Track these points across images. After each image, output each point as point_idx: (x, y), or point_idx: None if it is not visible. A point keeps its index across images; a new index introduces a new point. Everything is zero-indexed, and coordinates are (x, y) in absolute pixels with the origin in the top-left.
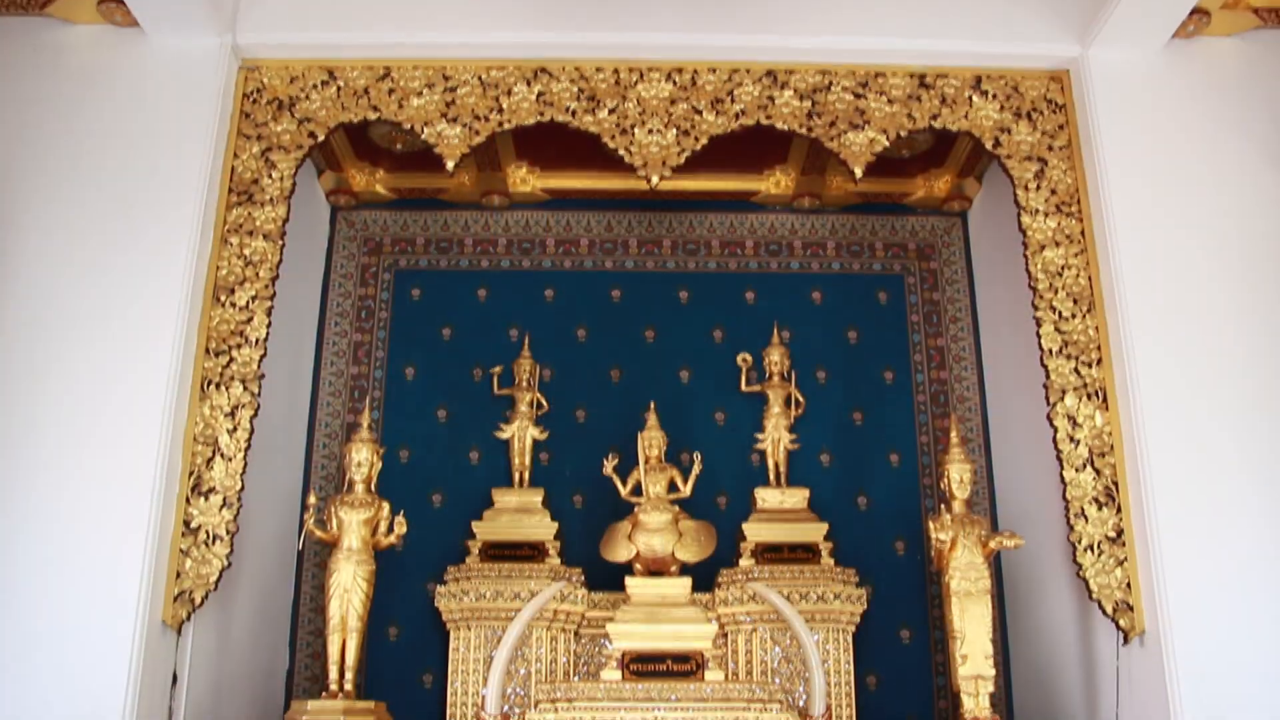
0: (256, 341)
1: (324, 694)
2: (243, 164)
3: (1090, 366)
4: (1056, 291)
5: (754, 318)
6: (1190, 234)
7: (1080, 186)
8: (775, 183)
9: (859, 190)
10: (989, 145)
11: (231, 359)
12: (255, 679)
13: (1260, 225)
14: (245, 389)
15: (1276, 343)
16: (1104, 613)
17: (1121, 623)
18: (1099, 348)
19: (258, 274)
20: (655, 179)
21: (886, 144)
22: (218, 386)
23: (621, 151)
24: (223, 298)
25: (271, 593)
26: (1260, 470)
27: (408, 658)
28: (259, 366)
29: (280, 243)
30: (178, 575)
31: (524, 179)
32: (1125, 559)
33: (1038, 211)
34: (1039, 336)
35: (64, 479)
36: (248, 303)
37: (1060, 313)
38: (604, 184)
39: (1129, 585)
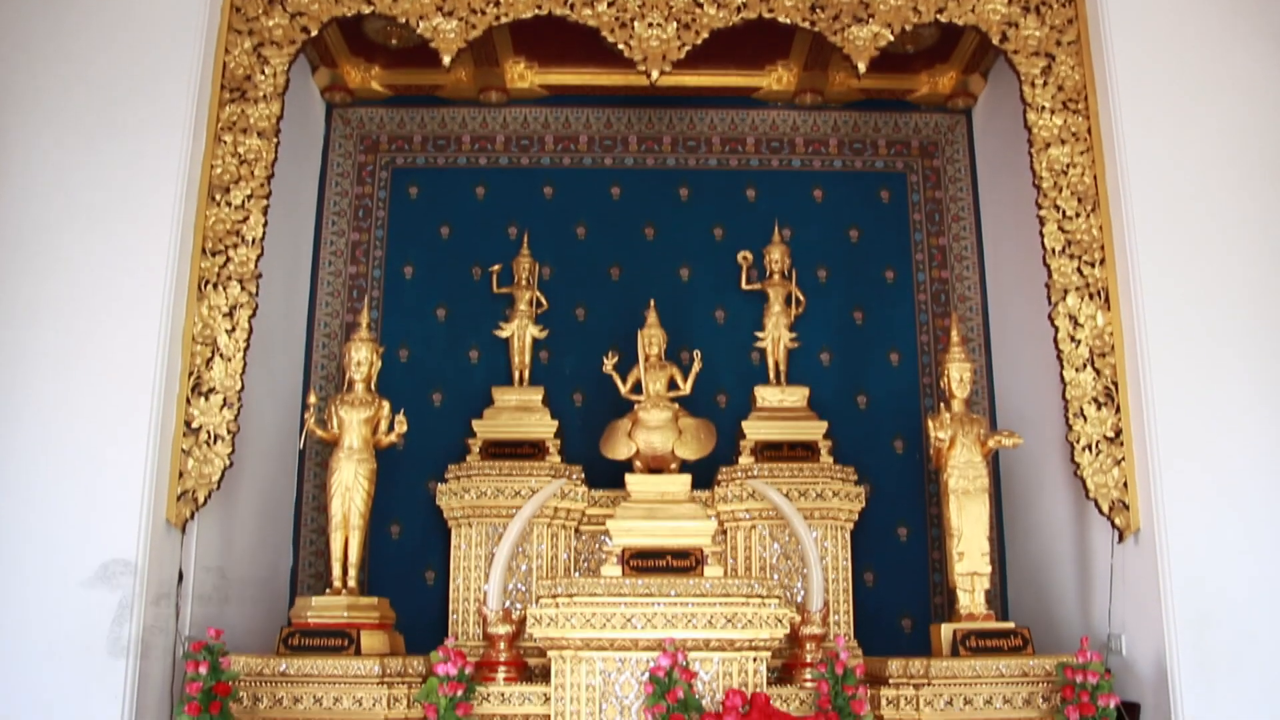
0: (253, 241)
1: (327, 590)
2: (234, 60)
3: (1093, 266)
4: (1061, 190)
5: (754, 215)
6: (1199, 133)
7: (1088, 83)
8: (777, 79)
9: (862, 87)
10: (996, 40)
11: (228, 259)
12: (259, 576)
13: (1272, 127)
14: (243, 289)
15: None
16: (1100, 511)
17: (1117, 521)
18: (1102, 247)
19: (253, 172)
20: (655, 74)
21: (891, 39)
22: (215, 287)
23: (621, 46)
24: (218, 197)
25: (274, 492)
26: (1260, 372)
27: (410, 555)
28: (256, 266)
29: (275, 140)
30: (180, 475)
31: (522, 75)
32: (1123, 459)
33: (1044, 108)
34: (1042, 236)
35: (63, 381)
36: (243, 202)
37: (1064, 212)
38: (603, 80)
39: (1125, 485)
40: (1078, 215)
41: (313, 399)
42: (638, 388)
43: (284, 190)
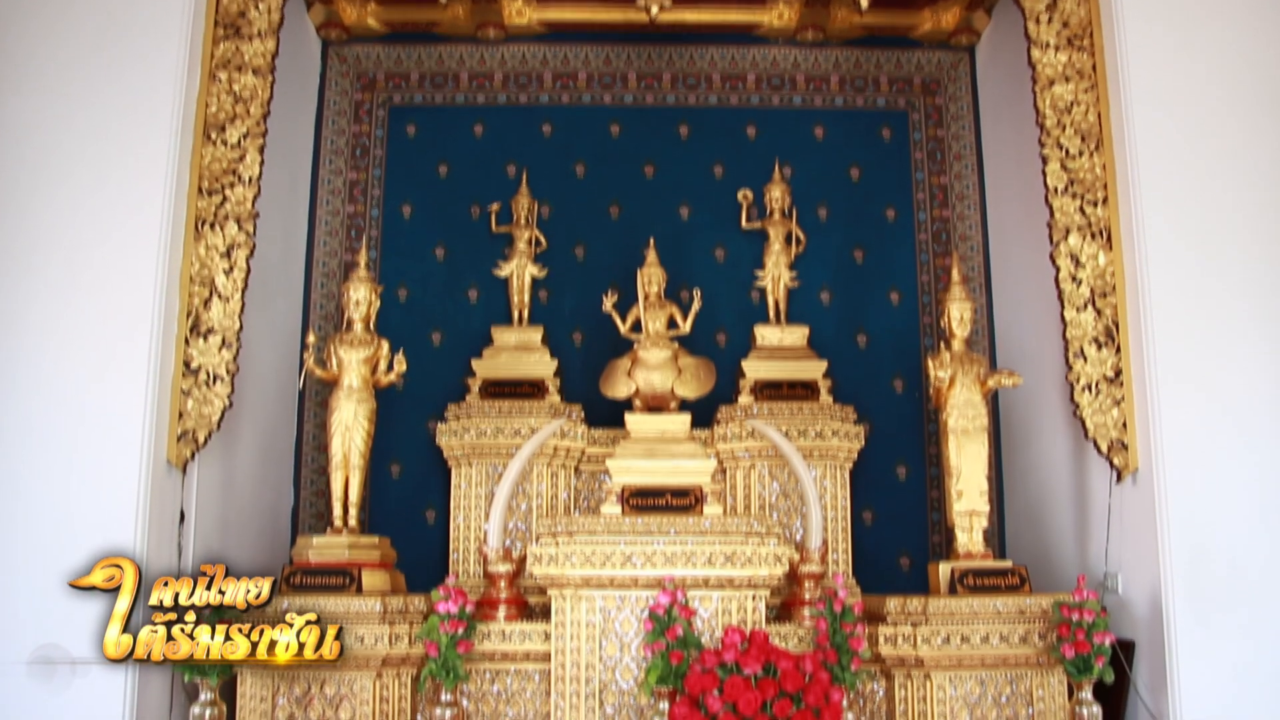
0: (250, 180)
1: (329, 530)
2: None
3: (1095, 205)
4: (1064, 128)
5: (755, 153)
6: (1205, 71)
7: (1093, 19)
8: (778, 15)
9: (864, 23)
10: None
11: (225, 198)
12: (261, 516)
13: (1278, 66)
14: (240, 228)
15: None
16: (1099, 451)
17: (1115, 461)
18: (1105, 186)
19: (248, 110)
20: (655, 10)
21: None
22: (212, 226)
23: None
24: (213, 135)
25: (274, 431)
26: (1260, 313)
27: (410, 494)
28: (253, 205)
29: (270, 78)
30: (180, 415)
31: (520, 10)
32: (1122, 399)
33: (1048, 45)
34: (1044, 174)
35: (62, 322)
36: (239, 140)
37: (1067, 150)
38: (602, 16)
39: (1124, 425)
40: (1081, 154)
41: (312, 339)
42: (637, 326)
43: (280, 129)
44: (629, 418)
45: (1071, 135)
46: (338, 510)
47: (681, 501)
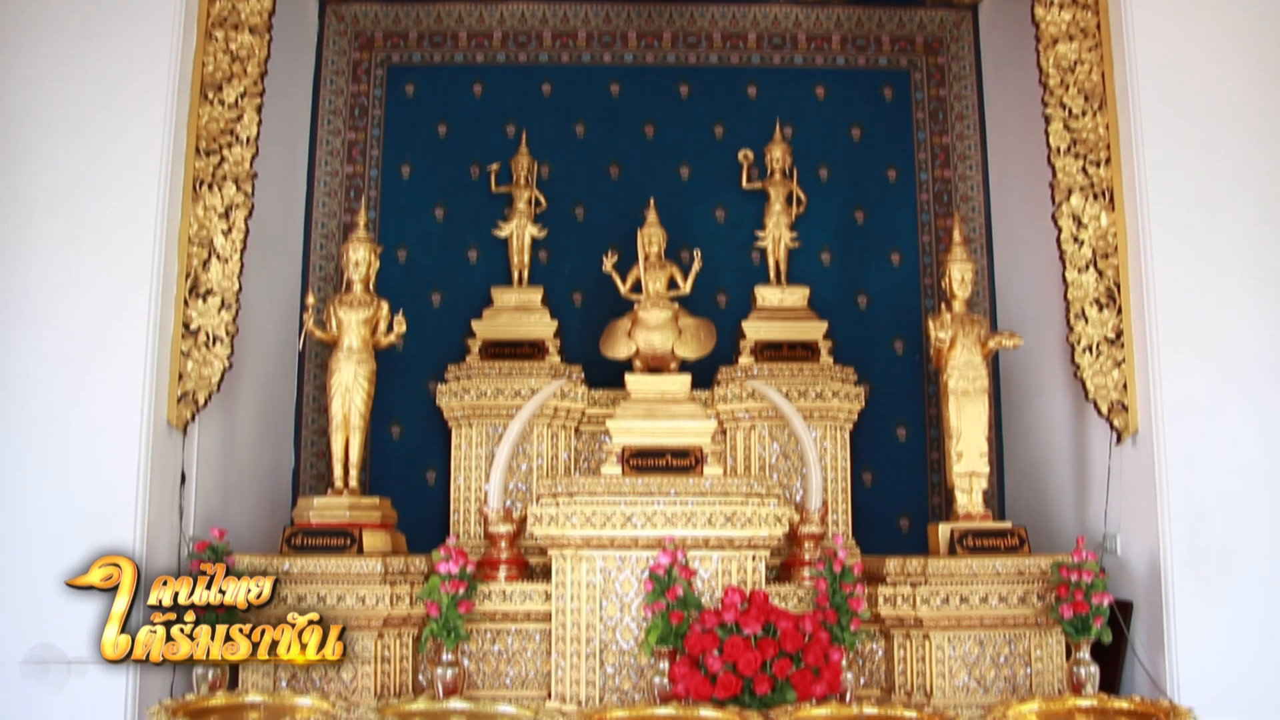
0: (248, 140)
1: (329, 491)
2: None
3: (1098, 166)
4: (1067, 88)
5: (755, 113)
6: (1209, 31)
7: None
8: None
9: None
10: None
11: (223, 158)
12: (262, 477)
13: None
14: (238, 189)
15: None
16: (1099, 413)
17: (1116, 423)
18: (1108, 146)
19: (245, 70)
20: None
21: None
22: (210, 187)
23: None
24: (210, 95)
25: (274, 393)
26: (1262, 275)
27: (410, 455)
28: (251, 166)
29: (267, 36)
30: (180, 377)
31: None
32: (1123, 360)
33: (1052, 3)
34: (1047, 134)
35: (60, 284)
36: (236, 100)
37: (1070, 110)
38: None
39: (1125, 386)
40: (1084, 114)
41: (311, 300)
42: (637, 287)
43: (278, 89)
44: (629, 378)
45: (1075, 95)
46: (338, 471)
47: (682, 462)
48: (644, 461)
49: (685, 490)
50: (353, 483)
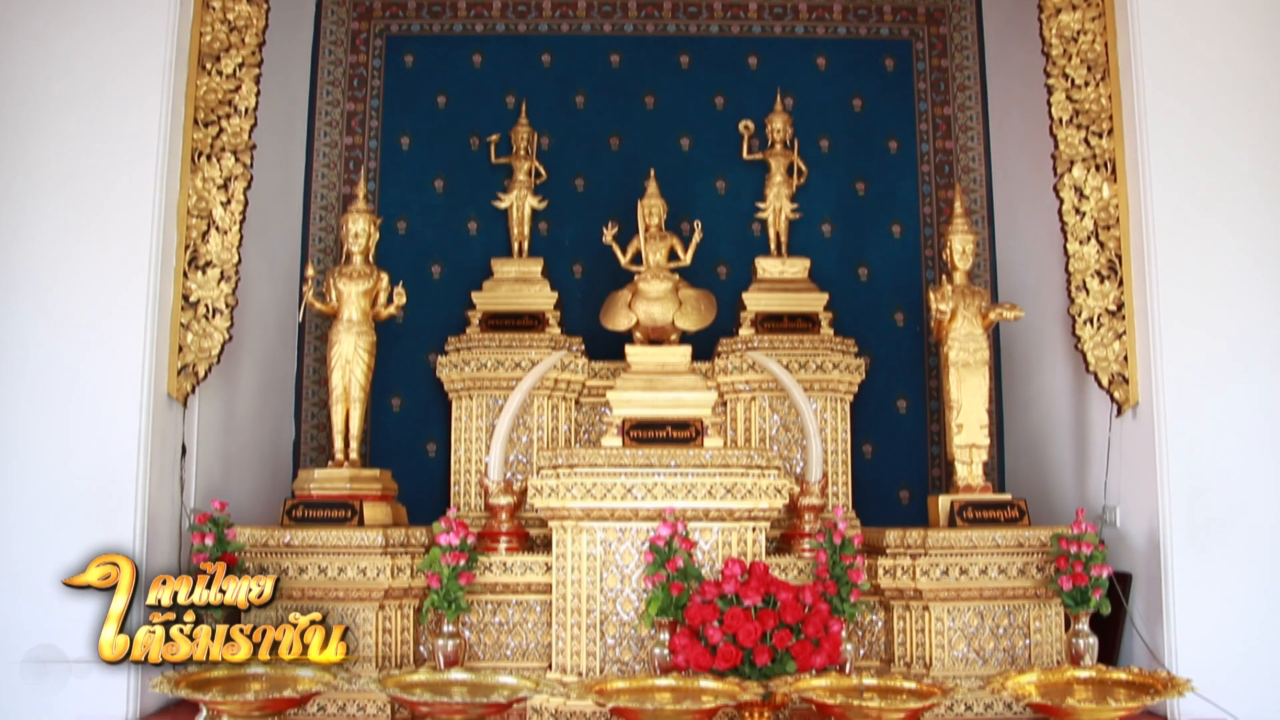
0: (246, 111)
1: (330, 463)
2: None
3: (1100, 137)
4: (1070, 58)
5: (756, 84)
6: (1214, 1)
7: None
8: None
9: None
10: None
11: (221, 129)
12: (262, 449)
13: None
14: (237, 160)
15: None
16: (1099, 385)
17: (1116, 395)
18: (1110, 117)
19: (243, 40)
20: None
21: None
22: (209, 158)
23: None
24: (208, 65)
25: (274, 365)
26: (1265, 249)
27: (411, 427)
28: (250, 137)
29: (265, 6)
30: (180, 349)
31: None
32: (1124, 332)
33: None
34: (1049, 105)
35: (59, 257)
36: (234, 70)
37: (1073, 80)
38: None
39: (1126, 358)
40: (1086, 84)
41: (311, 272)
42: (638, 258)
43: (276, 59)
44: (629, 350)
45: (1077, 65)
46: (338, 443)
47: (682, 434)
48: (644, 433)
49: (685, 462)
50: (353, 455)
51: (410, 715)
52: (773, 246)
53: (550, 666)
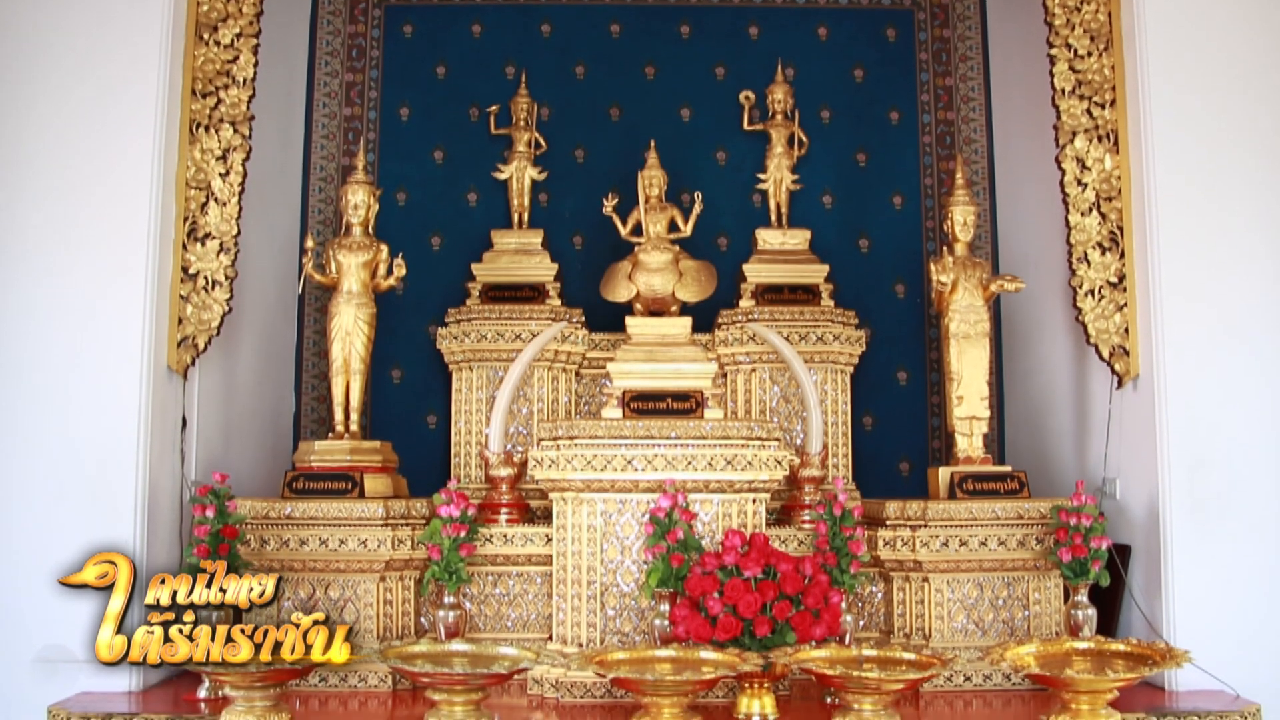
0: (244, 82)
1: (330, 435)
2: None
3: (1103, 108)
4: (1073, 28)
5: (757, 54)
6: None
7: None
8: None
9: None
10: None
11: (219, 100)
12: (262, 421)
13: None
14: (236, 131)
15: None
16: (1100, 357)
17: (1117, 367)
18: (1113, 88)
19: (241, 10)
20: None
21: None
22: (207, 129)
23: None
24: (206, 36)
25: (274, 337)
26: (1267, 221)
27: (411, 399)
28: (248, 108)
29: None
30: (180, 321)
31: None
32: (1125, 304)
33: None
34: (1052, 75)
35: (58, 229)
36: (232, 41)
37: (1075, 50)
38: None
39: (1126, 330)
40: (1089, 54)
41: (310, 243)
42: (638, 230)
43: (274, 29)
44: (630, 321)
45: (1080, 35)
46: (339, 415)
47: (682, 405)
48: (644, 405)
49: (686, 433)
50: (353, 426)
51: (412, 686)
52: (773, 218)
53: (551, 638)
